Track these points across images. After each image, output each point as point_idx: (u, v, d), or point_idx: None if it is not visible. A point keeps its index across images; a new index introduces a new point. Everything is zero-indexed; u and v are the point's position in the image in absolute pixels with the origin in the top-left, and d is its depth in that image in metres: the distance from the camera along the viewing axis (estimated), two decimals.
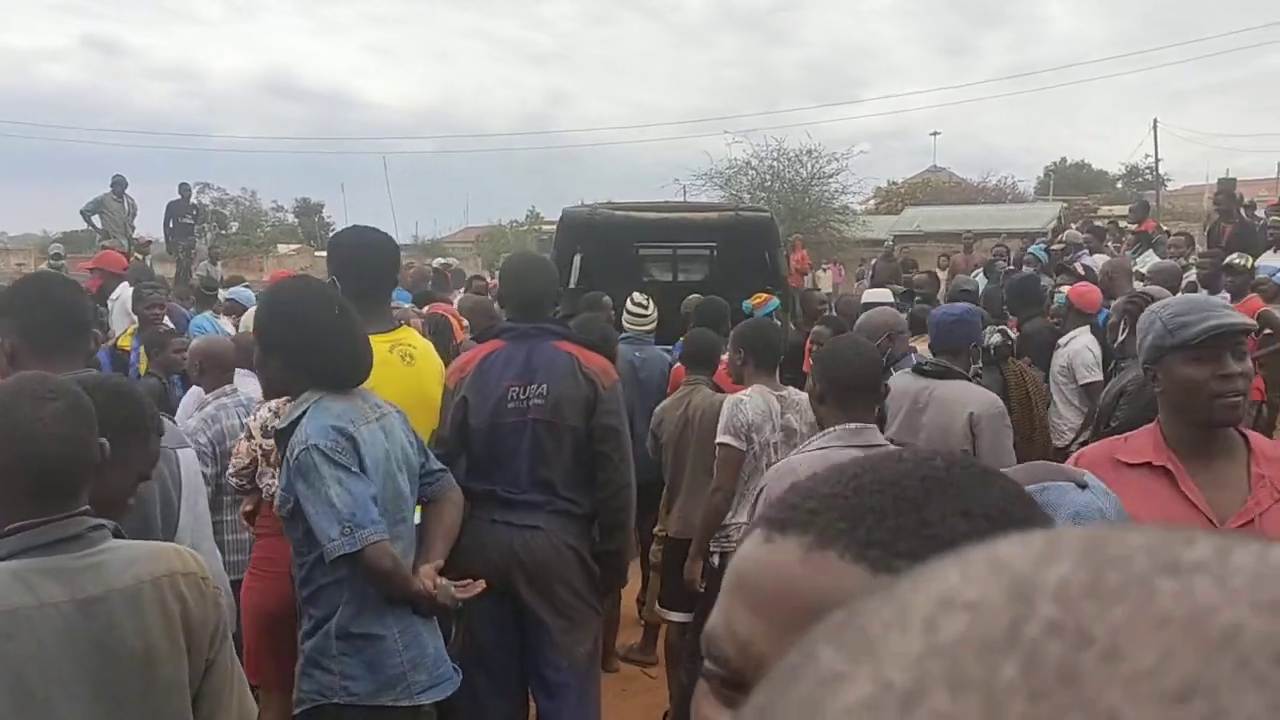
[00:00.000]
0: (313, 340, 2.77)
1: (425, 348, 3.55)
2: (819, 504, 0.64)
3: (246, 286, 10.78)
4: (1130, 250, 11.23)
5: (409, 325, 3.84)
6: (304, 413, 2.76)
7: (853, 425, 2.93)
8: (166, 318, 7.94)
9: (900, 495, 0.63)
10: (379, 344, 3.04)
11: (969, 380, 4.25)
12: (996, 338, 5.14)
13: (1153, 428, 2.36)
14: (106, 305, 8.30)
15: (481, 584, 2.95)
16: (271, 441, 3.85)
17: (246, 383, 4.84)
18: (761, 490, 3.13)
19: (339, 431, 2.71)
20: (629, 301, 6.19)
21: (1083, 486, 1.54)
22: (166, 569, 1.92)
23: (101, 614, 1.82)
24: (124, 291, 8.16)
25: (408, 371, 3.36)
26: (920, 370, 4.21)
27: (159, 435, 2.32)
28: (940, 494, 0.63)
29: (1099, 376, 5.82)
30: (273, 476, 3.84)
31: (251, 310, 8.86)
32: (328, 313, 2.80)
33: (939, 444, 3.94)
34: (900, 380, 4.14)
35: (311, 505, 2.67)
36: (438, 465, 3.10)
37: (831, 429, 2.98)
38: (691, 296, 7.00)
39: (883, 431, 3.11)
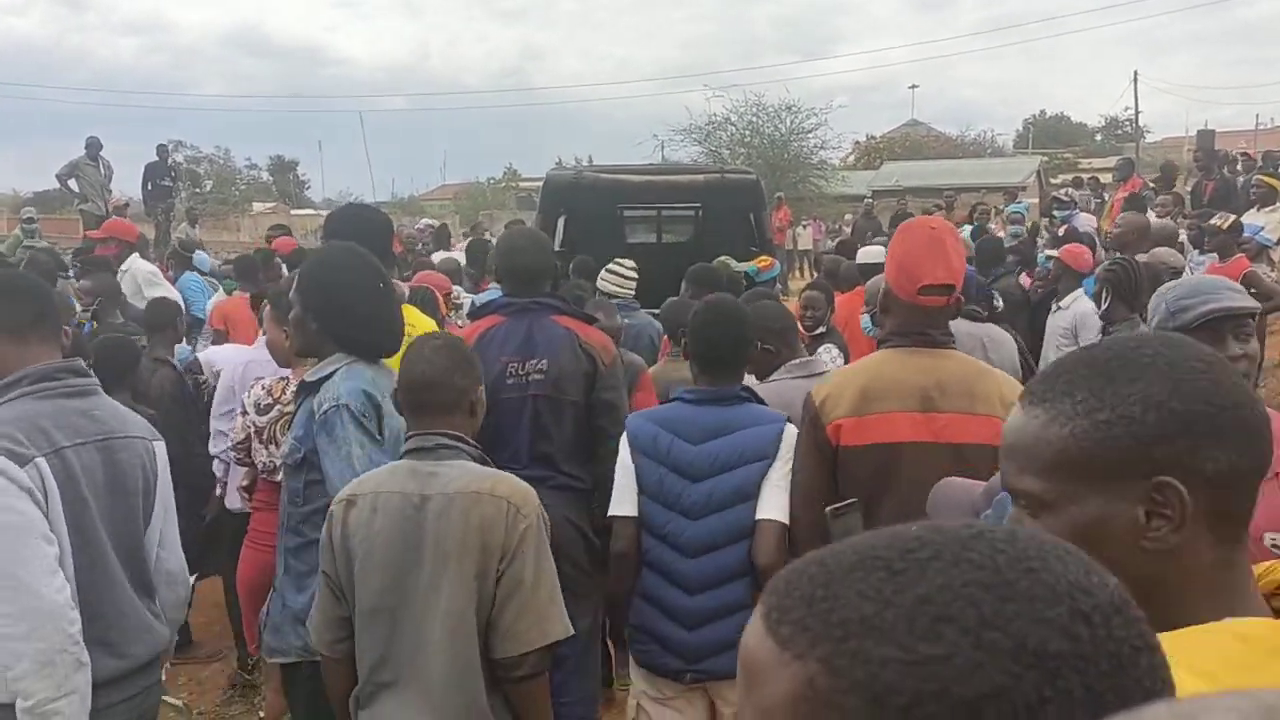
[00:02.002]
0: (350, 308, 2.85)
1: (426, 325, 3.54)
2: (782, 576, 0.66)
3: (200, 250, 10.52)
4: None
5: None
6: (335, 371, 2.82)
7: (796, 360, 3.77)
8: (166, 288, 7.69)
9: (830, 570, 0.63)
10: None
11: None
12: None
13: None
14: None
15: None
16: (265, 418, 3.85)
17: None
18: None
19: (368, 397, 2.78)
20: (614, 264, 5.97)
21: None
22: (478, 488, 2.40)
23: (430, 510, 2.39)
24: (133, 263, 7.81)
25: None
26: (969, 315, 4.77)
27: None
28: (865, 575, 0.62)
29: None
30: (267, 454, 3.84)
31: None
32: (371, 284, 2.90)
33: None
34: (963, 325, 4.80)
35: (330, 461, 2.72)
36: None
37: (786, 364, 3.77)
38: (721, 259, 6.90)
39: None
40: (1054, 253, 6.80)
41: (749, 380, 3.63)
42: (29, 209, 14.05)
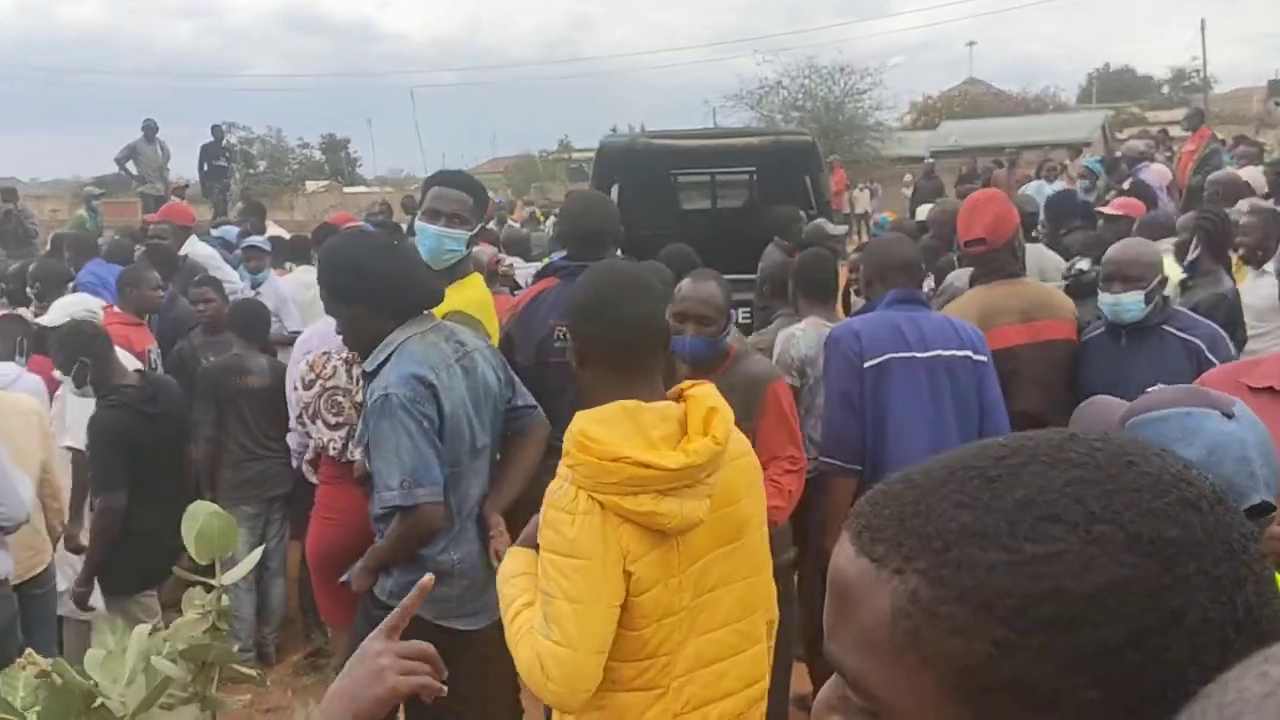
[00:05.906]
0: (365, 267, 2.81)
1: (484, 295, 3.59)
2: (867, 499, 0.66)
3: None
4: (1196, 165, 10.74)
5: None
6: (388, 357, 2.78)
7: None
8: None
9: (920, 486, 0.63)
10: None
11: None
12: (1084, 263, 4.41)
13: None
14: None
15: None
16: (310, 393, 3.81)
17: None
18: None
19: (420, 380, 2.73)
20: None
21: (1229, 415, 1.49)
22: None
23: None
24: (192, 247, 7.75)
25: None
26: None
27: None
28: (959, 485, 0.62)
29: None
30: (316, 430, 3.81)
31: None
32: (383, 243, 2.95)
33: None
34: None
35: (378, 451, 2.70)
36: (525, 401, 3.09)
37: None
38: (817, 221, 6.77)
39: None
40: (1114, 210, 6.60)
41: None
42: (90, 187, 14.15)
